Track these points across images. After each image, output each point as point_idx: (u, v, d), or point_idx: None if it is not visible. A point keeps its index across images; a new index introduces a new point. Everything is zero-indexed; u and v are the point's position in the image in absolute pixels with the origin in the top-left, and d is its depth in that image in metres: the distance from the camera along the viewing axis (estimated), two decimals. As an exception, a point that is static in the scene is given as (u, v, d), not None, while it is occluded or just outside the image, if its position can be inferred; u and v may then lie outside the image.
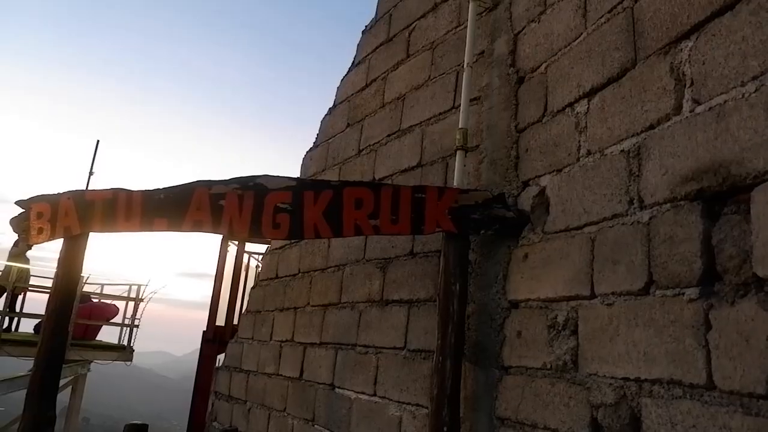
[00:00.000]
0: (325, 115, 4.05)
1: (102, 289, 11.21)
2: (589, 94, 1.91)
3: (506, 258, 2.16)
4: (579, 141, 1.92)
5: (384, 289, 2.86)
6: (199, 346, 7.45)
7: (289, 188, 2.32)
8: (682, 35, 1.56)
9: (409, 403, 2.49)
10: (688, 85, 1.51)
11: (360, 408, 2.82)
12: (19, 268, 9.47)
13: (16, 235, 2.79)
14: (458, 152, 2.39)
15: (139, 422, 2.62)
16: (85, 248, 2.66)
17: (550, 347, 1.83)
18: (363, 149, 3.45)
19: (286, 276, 4.00)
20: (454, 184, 2.36)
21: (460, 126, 2.42)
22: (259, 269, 7.55)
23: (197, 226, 2.39)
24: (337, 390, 3.06)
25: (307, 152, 4.14)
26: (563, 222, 1.92)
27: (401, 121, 3.16)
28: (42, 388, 2.51)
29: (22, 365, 9.71)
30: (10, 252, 9.79)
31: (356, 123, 3.62)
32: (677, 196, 1.48)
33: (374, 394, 2.73)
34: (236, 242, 7.40)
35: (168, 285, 12.35)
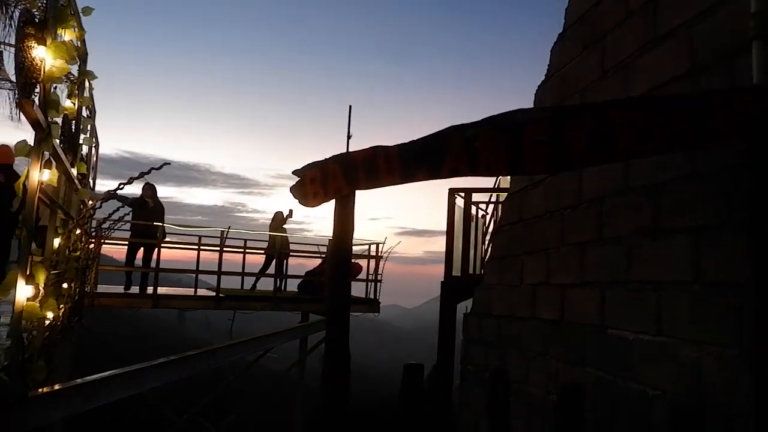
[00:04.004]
0: (555, 43, 3.74)
1: (346, 250, 12.52)
2: None
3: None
4: None
5: (657, 219, 2.55)
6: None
7: (544, 119, 2.17)
8: None
9: (708, 343, 2.20)
10: None
11: (642, 349, 2.60)
12: (281, 237, 11.09)
13: (296, 200, 3.19)
14: (754, 43, 1.96)
15: (414, 362, 2.83)
16: (353, 206, 2.91)
17: None
18: (608, 69, 3.09)
19: (530, 218, 3.88)
20: (754, 82, 1.94)
21: (752, 10, 1.97)
22: (487, 217, 7.57)
23: (455, 172, 2.41)
24: (609, 331, 2.87)
25: (539, 86, 3.88)
26: None
27: (655, 26, 2.73)
28: (337, 332, 2.85)
29: (290, 318, 11.43)
30: (270, 226, 11.54)
31: (595, 43, 3.26)
32: None
33: (658, 334, 2.49)
34: (462, 194, 7.50)
35: (394, 243, 13.20)
